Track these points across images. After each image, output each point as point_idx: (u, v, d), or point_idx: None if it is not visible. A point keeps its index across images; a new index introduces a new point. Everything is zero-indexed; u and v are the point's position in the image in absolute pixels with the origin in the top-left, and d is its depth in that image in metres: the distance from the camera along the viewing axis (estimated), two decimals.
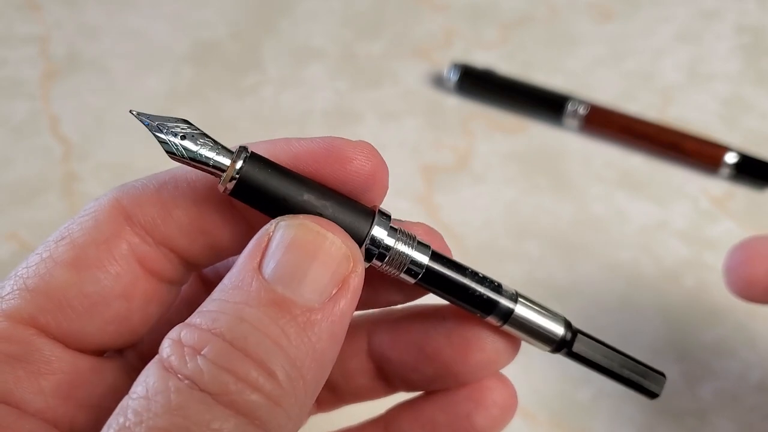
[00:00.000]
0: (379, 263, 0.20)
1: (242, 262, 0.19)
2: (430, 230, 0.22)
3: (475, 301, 0.21)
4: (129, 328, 0.22)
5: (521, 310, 0.22)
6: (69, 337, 0.21)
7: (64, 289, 0.20)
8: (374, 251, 0.20)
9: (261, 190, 0.19)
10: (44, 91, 0.47)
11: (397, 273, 0.20)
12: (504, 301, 0.21)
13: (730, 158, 0.42)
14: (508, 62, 0.48)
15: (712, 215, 0.41)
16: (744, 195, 0.42)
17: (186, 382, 0.17)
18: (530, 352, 0.37)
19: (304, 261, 0.18)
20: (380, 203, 0.21)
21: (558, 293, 0.38)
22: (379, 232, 0.20)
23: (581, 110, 0.44)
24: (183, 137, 0.19)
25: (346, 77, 0.48)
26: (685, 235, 0.40)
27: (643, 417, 0.34)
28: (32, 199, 0.42)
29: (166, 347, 0.18)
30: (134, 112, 0.20)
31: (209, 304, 0.18)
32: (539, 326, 0.22)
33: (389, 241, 0.20)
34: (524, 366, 0.36)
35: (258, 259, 0.18)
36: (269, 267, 0.18)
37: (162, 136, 0.19)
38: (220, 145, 0.19)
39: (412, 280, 0.21)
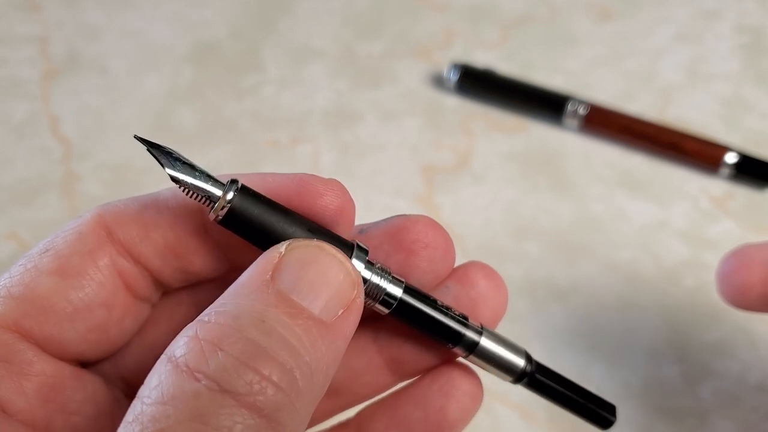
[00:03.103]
0: None
1: (253, 272, 0.19)
2: (430, 222, 0.23)
3: (443, 333, 0.23)
4: (107, 338, 0.22)
5: (485, 342, 0.23)
6: (51, 343, 0.21)
7: (48, 296, 0.21)
8: None
9: (249, 219, 0.20)
10: (44, 91, 0.47)
11: (373, 303, 0.22)
12: (470, 334, 0.23)
13: (730, 158, 0.42)
14: (508, 62, 0.48)
15: (712, 215, 0.41)
16: (744, 195, 0.42)
17: (204, 382, 0.17)
18: (530, 352, 0.37)
19: (317, 280, 0.19)
20: (347, 236, 0.22)
21: (558, 293, 0.38)
22: (357, 264, 0.21)
23: (581, 110, 0.44)
24: (180, 168, 0.20)
25: (346, 77, 0.48)
26: (685, 235, 0.40)
27: (642, 417, 0.34)
28: (32, 199, 0.42)
29: (179, 345, 0.17)
30: (138, 137, 0.20)
31: (223, 305, 0.19)
32: (501, 358, 0.23)
33: (366, 274, 0.21)
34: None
35: (269, 273, 0.19)
36: (285, 280, 0.19)
37: (169, 164, 0.20)
38: (213, 177, 0.20)
39: (386, 311, 0.22)
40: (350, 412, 0.26)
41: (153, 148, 0.20)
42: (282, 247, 0.19)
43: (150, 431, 0.16)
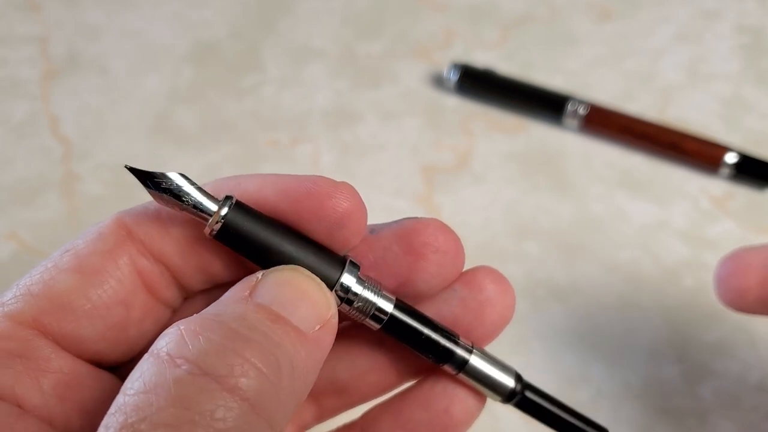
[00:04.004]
0: (347, 307, 0.22)
1: (231, 292, 0.20)
2: (442, 226, 0.23)
3: (433, 350, 0.23)
4: (125, 339, 0.22)
5: (475, 361, 0.23)
6: (69, 340, 0.21)
7: (67, 293, 0.21)
8: (342, 296, 0.21)
9: (243, 235, 0.21)
10: (44, 91, 0.47)
11: (364, 318, 0.22)
12: (460, 352, 0.23)
13: (730, 158, 0.42)
14: (508, 62, 0.48)
15: (712, 215, 0.41)
16: (744, 195, 0.42)
17: (185, 367, 0.17)
18: (530, 352, 0.37)
19: (295, 297, 0.19)
20: (356, 242, 0.22)
21: (558, 293, 0.38)
22: (348, 279, 0.21)
23: (581, 110, 0.44)
24: (173, 188, 0.20)
25: (346, 77, 0.48)
26: (685, 235, 0.40)
27: (642, 417, 0.34)
28: (32, 199, 0.42)
29: (162, 339, 0.18)
30: (128, 167, 0.21)
31: (207, 310, 0.19)
32: (490, 378, 0.23)
33: (357, 288, 0.21)
34: (523, 365, 0.36)
35: (248, 291, 0.19)
36: (263, 296, 0.19)
37: (152, 189, 0.20)
38: (208, 194, 0.21)
39: (377, 326, 0.22)
40: (356, 414, 0.26)
41: (146, 176, 0.20)
42: (259, 273, 0.20)
43: (133, 420, 0.16)
